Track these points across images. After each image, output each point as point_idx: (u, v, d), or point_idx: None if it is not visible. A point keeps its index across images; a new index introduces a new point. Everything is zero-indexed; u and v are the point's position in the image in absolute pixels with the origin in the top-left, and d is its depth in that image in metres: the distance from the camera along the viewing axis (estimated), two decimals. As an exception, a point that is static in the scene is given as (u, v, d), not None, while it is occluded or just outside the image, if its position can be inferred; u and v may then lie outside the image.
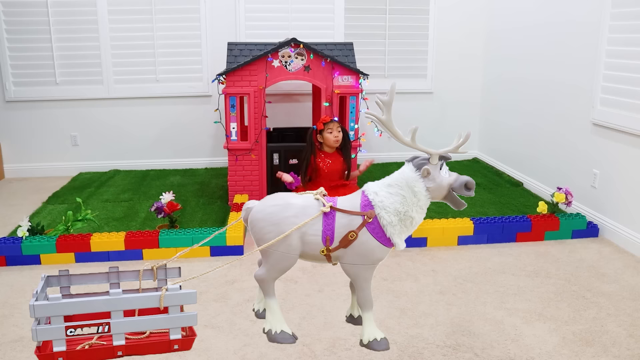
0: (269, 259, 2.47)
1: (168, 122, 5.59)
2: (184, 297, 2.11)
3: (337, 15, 5.45)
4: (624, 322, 2.79)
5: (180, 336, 2.16)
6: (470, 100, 5.91)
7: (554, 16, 4.47)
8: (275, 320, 2.55)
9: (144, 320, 2.12)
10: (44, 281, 2.22)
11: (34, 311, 2.00)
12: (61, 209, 4.40)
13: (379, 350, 2.49)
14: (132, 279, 2.33)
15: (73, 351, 2.08)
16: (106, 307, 2.07)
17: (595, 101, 3.95)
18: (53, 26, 5.21)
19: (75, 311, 2.07)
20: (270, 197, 2.55)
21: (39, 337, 2.03)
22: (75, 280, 2.32)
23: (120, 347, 2.10)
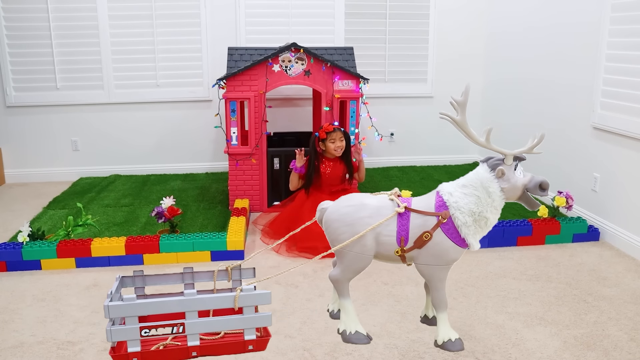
0: (343, 260, 2.48)
1: (168, 127, 5.59)
2: (258, 298, 2.10)
3: (338, 19, 5.46)
4: (625, 326, 2.79)
5: (254, 337, 2.14)
6: (470, 104, 5.87)
7: (554, 20, 4.48)
8: (349, 321, 2.56)
9: (218, 320, 2.11)
10: (119, 282, 2.21)
11: (108, 312, 1.99)
12: (62, 214, 4.40)
13: (453, 350, 2.49)
14: (207, 280, 2.32)
15: (147, 352, 2.07)
16: (181, 307, 2.05)
17: (595, 105, 3.95)
18: (54, 31, 5.22)
19: (149, 312, 2.06)
20: (345, 198, 2.56)
21: (114, 338, 2.02)
22: (149, 280, 2.31)
23: (195, 347, 2.09)
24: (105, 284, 3.27)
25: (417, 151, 5.92)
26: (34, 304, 3.06)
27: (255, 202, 4.49)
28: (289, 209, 4.06)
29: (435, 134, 5.92)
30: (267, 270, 3.45)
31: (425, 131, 5.90)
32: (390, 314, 2.91)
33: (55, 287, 3.25)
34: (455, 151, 5.99)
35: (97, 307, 3.01)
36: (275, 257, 3.67)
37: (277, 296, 3.11)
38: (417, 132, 5.88)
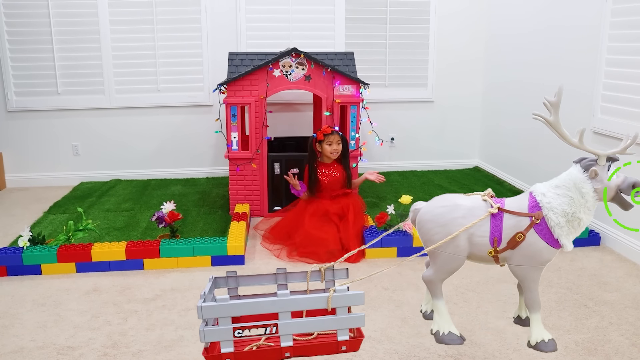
0: (436, 260, 2.49)
1: (169, 131, 5.60)
2: (351, 299, 2.08)
3: (338, 24, 5.47)
4: (627, 331, 2.78)
5: (347, 337, 2.12)
6: (470, 108, 5.92)
7: (554, 24, 4.49)
8: (443, 322, 2.55)
9: (312, 321, 2.09)
10: (212, 282, 2.21)
11: (201, 312, 1.98)
12: (62, 218, 4.40)
13: (546, 351, 2.48)
14: (300, 280, 2.31)
15: (241, 352, 2.06)
16: (274, 308, 2.04)
17: (595, 109, 3.95)
18: (55, 36, 5.24)
19: (243, 312, 2.04)
20: (438, 199, 2.56)
21: (207, 339, 2.01)
22: (242, 281, 2.30)
23: (288, 348, 2.07)
24: (106, 289, 3.27)
25: (417, 156, 5.92)
26: (34, 308, 3.06)
27: (256, 207, 4.49)
28: (291, 214, 4.07)
29: (436, 138, 5.92)
30: (267, 275, 3.45)
31: (426, 136, 5.91)
32: (391, 319, 2.91)
33: (55, 291, 3.25)
34: (456, 156, 5.99)
35: (97, 312, 3.01)
36: (276, 262, 3.67)
37: (277, 301, 3.11)
38: (418, 137, 5.88)
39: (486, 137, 5.86)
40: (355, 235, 3.78)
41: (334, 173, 4.09)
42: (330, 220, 3.88)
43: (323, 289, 2.29)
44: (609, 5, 3.78)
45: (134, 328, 2.84)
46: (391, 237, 3.70)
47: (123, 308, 3.05)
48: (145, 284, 3.35)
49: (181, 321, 2.90)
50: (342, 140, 4.11)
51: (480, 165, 5.97)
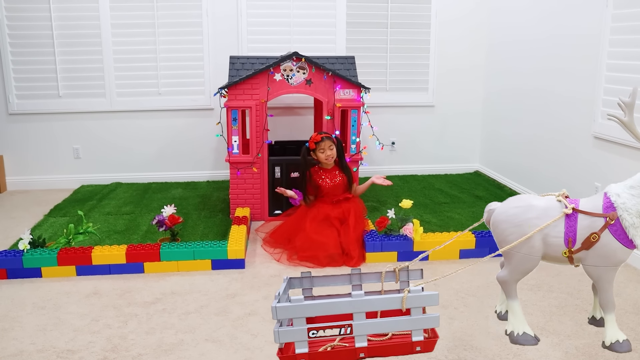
0: (511, 261, 2.49)
1: (170, 135, 5.60)
2: (426, 299, 2.08)
3: (339, 29, 5.48)
4: (627, 336, 2.77)
5: (422, 338, 2.12)
6: (471, 113, 5.93)
7: (555, 30, 4.49)
8: (517, 322, 2.55)
9: (386, 322, 2.10)
10: (286, 283, 2.22)
11: (276, 313, 1.99)
12: (63, 221, 4.40)
13: (621, 352, 2.49)
14: (374, 281, 2.32)
15: (315, 353, 2.07)
16: (349, 308, 2.04)
17: (596, 114, 3.96)
18: (56, 39, 5.25)
19: (317, 313, 2.05)
20: (512, 199, 2.57)
21: (281, 339, 2.02)
22: (317, 282, 2.31)
23: (363, 349, 2.07)
24: (106, 292, 3.27)
25: (418, 160, 5.93)
26: (34, 311, 3.06)
27: (256, 211, 4.49)
28: (291, 218, 4.07)
29: (437, 143, 5.92)
30: (267, 279, 3.45)
31: (427, 140, 5.91)
32: (391, 323, 2.90)
33: (55, 295, 3.25)
34: (457, 160, 5.99)
35: (97, 315, 3.01)
36: (276, 265, 3.67)
37: (277, 305, 3.11)
38: (418, 141, 5.88)
39: (487, 142, 5.86)
40: (356, 240, 3.78)
41: (336, 178, 4.09)
42: (331, 224, 3.88)
43: (397, 290, 2.29)
44: (610, 11, 3.79)
45: (134, 332, 2.84)
46: (392, 241, 3.70)
47: (123, 311, 3.05)
48: (145, 287, 3.35)
49: (181, 325, 2.90)
50: (338, 143, 4.10)
51: (481, 169, 5.97)
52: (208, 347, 2.69)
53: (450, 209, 4.69)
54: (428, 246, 3.72)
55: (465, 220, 4.38)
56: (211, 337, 2.78)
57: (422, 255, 2.56)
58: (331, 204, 4.01)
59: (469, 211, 4.61)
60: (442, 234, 3.82)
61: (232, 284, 3.38)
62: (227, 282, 3.41)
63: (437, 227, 4.21)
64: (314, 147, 4.05)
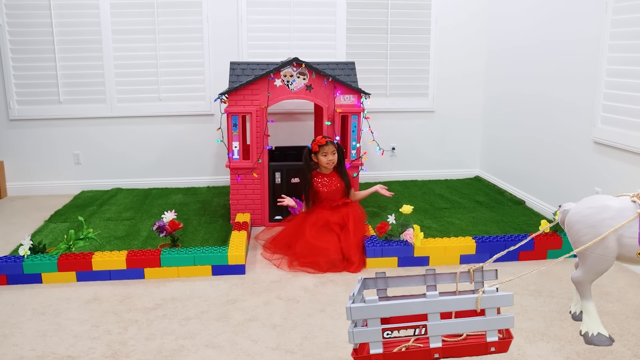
0: (585, 262, 2.48)
1: (170, 140, 5.61)
2: (500, 300, 2.08)
3: (339, 34, 5.49)
4: (629, 341, 2.77)
5: (497, 338, 2.12)
6: (471, 119, 5.93)
7: (555, 36, 4.50)
8: (592, 323, 2.55)
9: (461, 322, 2.10)
10: (361, 284, 2.22)
11: (350, 313, 2.00)
12: (63, 227, 4.40)
13: None
14: (449, 282, 2.32)
15: (390, 353, 2.07)
16: (423, 309, 2.05)
17: (596, 119, 3.96)
18: (57, 45, 5.26)
19: (391, 313, 2.06)
20: (587, 200, 2.57)
21: (356, 340, 2.03)
22: (391, 282, 2.31)
23: (437, 349, 2.08)
24: (106, 298, 3.26)
25: (418, 165, 5.93)
26: (34, 317, 3.05)
27: (257, 217, 4.49)
28: (292, 224, 4.07)
29: (437, 148, 5.93)
30: (268, 285, 3.45)
31: (427, 146, 5.91)
32: (392, 329, 2.90)
33: (55, 300, 3.25)
34: (457, 166, 5.99)
35: (98, 321, 3.00)
36: (276, 271, 3.67)
37: (277, 311, 3.11)
38: (419, 147, 5.89)
39: (487, 147, 5.87)
40: (356, 245, 3.77)
41: (334, 183, 4.10)
42: (331, 230, 3.87)
43: (472, 290, 2.28)
44: (609, 16, 3.80)
45: (134, 337, 2.83)
46: (392, 246, 3.70)
47: (123, 317, 3.05)
48: (145, 293, 3.34)
49: (181, 331, 2.90)
50: (339, 149, 4.11)
51: (481, 175, 5.97)
52: (208, 352, 2.68)
53: (451, 214, 4.69)
54: (428, 252, 3.72)
55: (465, 226, 4.38)
56: (211, 343, 2.77)
57: (498, 255, 2.54)
58: (330, 209, 4.01)
59: (470, 216, 4.61)
60: (442, 240, 3.82)
61: (233, 290, 3.38)
62: (228, 288, 3.40)
63: (437, 232, 4.21)
64: (317, 149, 4.06)
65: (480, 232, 4.23)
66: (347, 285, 3.44)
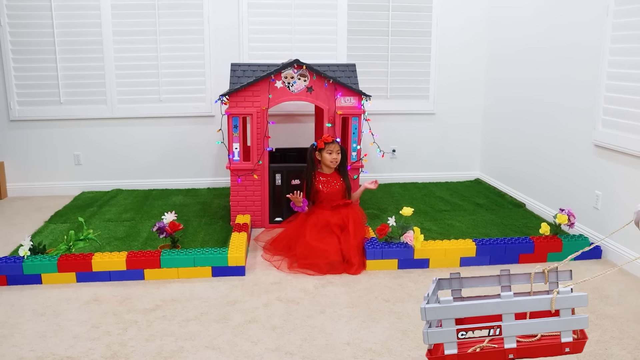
0: None
1: (171, 142, 5.61)
2: (575, 300, 2.06)
3: (340, 36, 5.49)
4: (629, 345, 2.77)
5: (571, 339, 2.09)
6: (472, 121, 5.93)
7: (556, 40, 4.51)
8: None
9: (535, 323, 2.08)
10: (435, 284, 2.21)
11: (425, 314, 1.99)
12: (63, 228, 4.40)
13: None
14: (523, 282, 2.30)
15: (464, 354, 2.07)
16: (498, 309, 2.03)
17: (597, 123, 3.96)
18: (58, 46, 5.26)
19: (466, 314, 2.04)
20: None
21: (430, 340, 2.02)
22: (466, 282, 2.30)
23: (512, 350, 2.06)
24: (106, 299, 3.26)
25: (418, 168, 5.93)
26: (34, 318, 3.05)
27: (257, 218, 4.49)
28: (292, 226, 4.06)
29: (437, 150, 5.93)
30: (268, 286, 3.44)
31: (427, 148, 5.91)
32: (392, 331, 2.90)
33: (55, 301, 3.24)
34: (457, 168, 5.99)
35: (97, 322, 3.00)
36: (276, 273, 3.66)
37: (277, 312, 3.10)
38: (419, 149, 5.89)
39: (487, 150, 5.87)
40: (356, 247, 3.77)
41: (335, 184, 4.10)
42: (332, 231, 3.87)
43: (546, 291, 2.28)
44: (610, 20, 3.80)
45: (133, 338, 2.83)
46: (392, 249, 3.70)
47: (123, 318, 3.04)
48: (145, 294, 3.34)
49: (181, 332, 2.89)
50: (342, 150, 4.13)
51: (481, 177, 5.97)
52: (208, 354, 2.68)
53: (451, 216, 4.69)
54: (428, 254, 3.72)
55: (465, 228, 4.37)
56: (211, 344, 2.77)
57: (574, 254, 2.53)
58: (330, 209, 4.02)
59: (470, 219, 4.61)
60: (442, 242, 3.81)
61: (233, 291, 3.37)
62: (228, 289, 3.40)
63: (437, 234, 4.21)
64: (323, 146, 4.07)
65: (481, 234, 4.23)
66: (347, 287, 3.44)
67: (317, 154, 4.13)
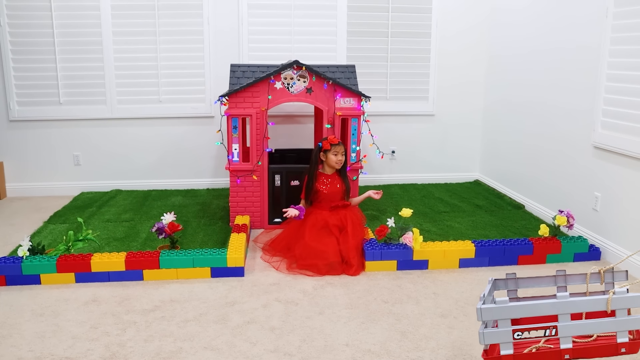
0: None
1: (170, 142, 5.61)
2: (631, 301, 2.08)
3: (340, 37, 5.50)
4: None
5: (627, 339, 2.11)
6: (471, 122, 5.94)
7: (555, 42, 4.51)
8: None
9: (591, 323, 2.10)
10: (491, 284, 2.22)
11: (481, 314, 2.00)
12: (62, 228, 4.40)
13: None
14: (578, 283, 2.32)
15: (521, 354, 2.08)
16: (554, 310, 2.05)
17: (596, 124, 3.96)
18: (58, 47, 5.26)
19: (522, 314, 2.06)
20: None
21: (486, 341, 2.03)
22: (522, 283, 2.31)
23: (568, 350, 2.08)
24: (105, 300, 3.26)
25: (418, 169, 5.93)
26: (33, 318, 3.05)
27: (256, 219, 4.49)
28: (290, 226, 4.06)
29: (437, 152, 5.93)
30: (267, 287, 3.44)
31: (427, 149, 5.92)
32: (390, 332, 2.90)
33: (54, 302, 3.24)
34: (456, 169, 6.00)
35: (96, 322, 3.00)
36: (275, 274, 3.66)
37: (276, 313, 3.10)
38: (418, 150, 5.89)
39: (487, 151, 5.87)
40: (355, 248, 3.77)
41: (335, 185, 4.11)
42: (330, 232, 3.88)
43: (602, 291, 2.27)
44: (610, 22, 3.80)
45: (132, 339, 2.83)
46: (391, 250, 3.70)
47: (122, 319, 3.04)
48: (144, 294, 3.34)
49: (180, 332, 2.89)
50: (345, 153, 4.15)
51: (481, 178, 5.97)
52: (207, 355, 2.68)
53: (450, 218, 4.69)
54: (427, 255, 3.72)
55: (465, 230, 4.38)
56: (210, 345, 2.77)
57: (633, 253, 2.53)
58: (329, 210, 4.02)
59: (469, 220, 4.62)
60: (441, 243, 3.81)
61: (232, 292, 3.37)
62: (227, 290, 3.40)
63: (436, 236, 4.21)
64: (329, 148, 4.08)
65: (480, 236, 4.23)
66: (346, 288, 3.44)
67: (321, 154, 4.13)
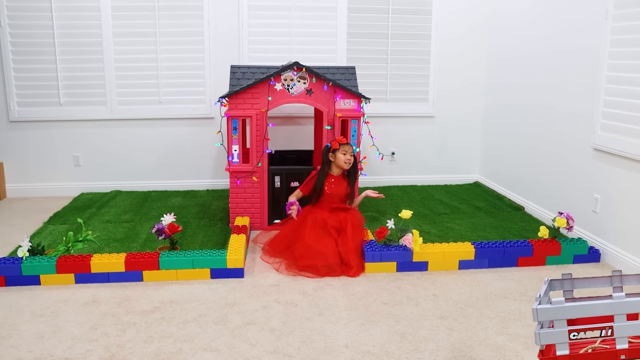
0: None
1: (170, 143, 5.61)
2: None
3: (340, 39, 5.50)
4: (627, 349, 2.77)
5: None
6: (471, 124, 5.94)
7: (555, 44, 4.51)
8: None
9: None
10: (547, 285, 2.21)
11: (537, 315, 2.00)
12: (62, 229, 4.40)
13: None
14: (635, 283, 2.30)
15: (576, 355, 2.07)
16: (609, 310, 2.04)
17: (596, 126, 3.97)
18: (58, 47, 5.27)
19: (578, 315, 2.05)
20: None
21: (542, 341, 2.02)
22: (578, 283, 2.29)
23: (624, 350, 2.06)
24: (104, 301, 3.26)
25: (418, 171, 5.93)
26: (32, 319, 3.05)
27: (256, 220, 4.49)
28: (289, 227, 4.07)
29: (436, 153, 5.93)
30: (266, 289, 3.44)
31: (426, 151, 5.92)
32: (390, 334, 2.90)
33: (54, 302, 3.24)
34: (456, 171, 6.00)
35: (96, 323, 3.00)
36: (275, 275, 3.66)
37: (276, 314, 3.10)
38: (418, 152, 5.89)
39: (486, 153, 5.87)
40: (355, 249, 3.78)
41: (340, 187, 4.12)
42: (329, 233, 3.88)
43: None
44: (609, 24, 3.81)
45: (132, 340, 2.83)
46: (391, 251, 3.70)
47: (121, 320, 3.04)
48: (144, 295, 3.34)
49: (180, 334, 2.89)
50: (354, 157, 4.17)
51: (481, 180, 5.97)
52: (206, 356, 2.68)
53: (450, 219, 4.69)
54: (427, 257, 3.72)
55: (464, 231, 4.38)
56: (209, 346, 2.77)
57: None
58: (329, 211, 4.02)
59: (469, 222, 4.62)
60: (441, 245, 3.82)
61: (231, 293, 3.37)
62: (226, 291, 3.40)
63: (436, 237, 4.21)
64: (338, 147, 4.09)
65: (479, 237, 4.24)
66: (346, 289, 3.44)
67: (330, 155, 4.14)
